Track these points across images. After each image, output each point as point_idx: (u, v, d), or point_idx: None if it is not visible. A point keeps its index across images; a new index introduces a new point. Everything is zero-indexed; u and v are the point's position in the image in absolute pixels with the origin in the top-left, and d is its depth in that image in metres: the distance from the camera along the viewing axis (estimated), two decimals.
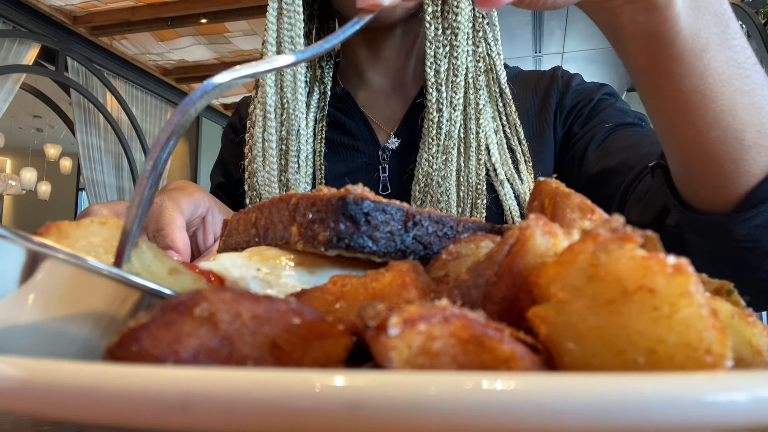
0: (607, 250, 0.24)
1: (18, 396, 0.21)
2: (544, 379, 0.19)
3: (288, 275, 0.40)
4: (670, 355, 0.23)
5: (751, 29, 4.01)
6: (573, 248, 0.25)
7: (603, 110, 0.99)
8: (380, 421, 0.19)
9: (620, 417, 0.18)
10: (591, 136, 0.96)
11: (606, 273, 0.24)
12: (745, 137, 0.58)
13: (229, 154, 1.17)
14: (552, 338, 0.24)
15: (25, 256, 0.30)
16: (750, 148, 0.59)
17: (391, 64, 1.09)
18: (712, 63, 0.56)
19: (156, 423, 0.20)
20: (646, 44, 0.57)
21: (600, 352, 0.23)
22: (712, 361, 0.23)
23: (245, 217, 0.47)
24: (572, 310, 0.24)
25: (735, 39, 0.57)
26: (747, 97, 0.58)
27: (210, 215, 0.80)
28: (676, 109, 0.60)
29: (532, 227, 0.28)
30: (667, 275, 0.23)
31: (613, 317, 0.23)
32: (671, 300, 0.23)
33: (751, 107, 0.58)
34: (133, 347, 0.25)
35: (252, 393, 0.19)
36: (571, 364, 0.24)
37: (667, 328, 0.23)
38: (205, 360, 0.25)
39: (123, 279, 0.31)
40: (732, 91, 0.57)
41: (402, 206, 0.40)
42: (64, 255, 0.30)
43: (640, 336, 0.23)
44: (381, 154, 1.03)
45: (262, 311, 0.26)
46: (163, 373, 0.20)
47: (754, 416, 0.19)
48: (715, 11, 0.56)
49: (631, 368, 0.23)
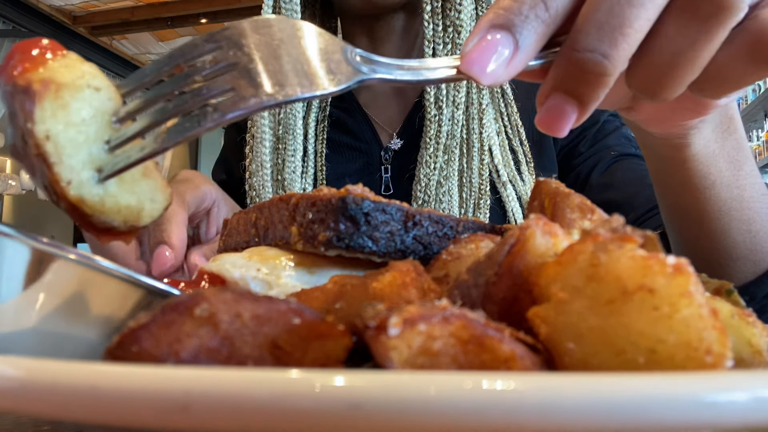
0: (607, 250, 0.24)
1: (18, 396, 0.21)
2: (544, 379, 0.19)
3: (288, 275, 0.40)
4: (671, 355, 0.23)
5: None
6: (573, 248, 0.25)
7: (609, 134, 1.00)
8: (380, 421, 0.19)
9: (620, 417, 0.18)
10: (596, 159, 0.98)
11: (606, 273, 0.24)
12: (734, 252, 0.64)
13: (231, 152, 1.17)
14: (552, 338, 0.24)
15: (30, 256, 0.30)
16: (737, 260, 0.64)
17: None
18: (715, 198, 0.60)
19: (156, 423, 0.20)
20: (656, 161, 0.62)
21: (600, 351, 0.23)
22: (712, 361, 0.23)
23: (245, 217, 0.47)
24: (572, 310, 0.24)
25: (746, 179, 0.61)
26: (744, 224, 0.62)
27: (216, 207, 0.80)
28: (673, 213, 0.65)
29: (533, 227, 0.28)
30: (667, 275, 0.23)
31: (613, 317, 0.23)
32: (671, 300, 0.23)
33: (746, 232, 0.63)
34: (133, 347, 0.25)
35: (252, 393, 0.19)
36: (571, 364, 0.24)
37: (667, 328, 0.23)
38: (205, 360, 0.25)
39: (131, 278, 0.31)
40: (729, 219, 0.62)
41: (402, 206, 0.40)
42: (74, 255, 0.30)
43: (640, 336, 0.23)
44: (383, 155, 1.03)
45: (262, 311, 0.26)
46: (163, 373, 0.20)
47: (754, 416, 0.19)
48: (731, 158, 0.59)
49: (631, 368, 0.23)
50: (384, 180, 1.01)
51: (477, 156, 0.95)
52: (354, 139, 1.05)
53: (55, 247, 0.30)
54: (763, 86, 4.82)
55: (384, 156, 1.03)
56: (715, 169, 0.59)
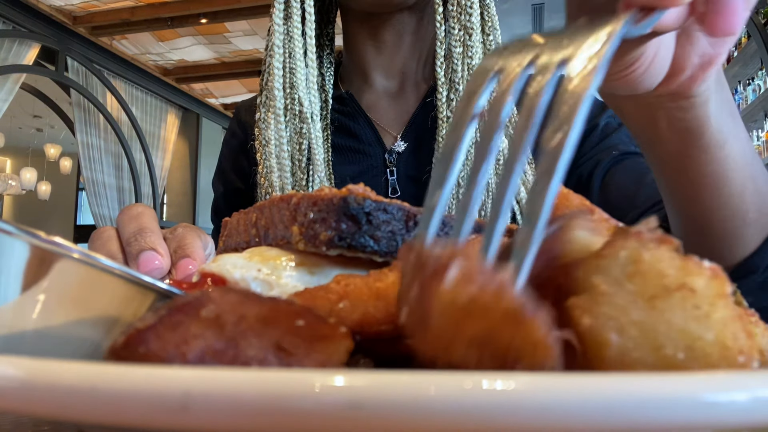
0: (648, 248, 0.25)
1: (18, 396, 0.21)
2: (544, 379, 0.19)
3: (289, 276, 0.40)
4: (707, 353, 0.24)
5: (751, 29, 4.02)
6: (615, 243, 0.26)
7: (610, 134, 1.01)
8: (380, 421, 0.19)
9: (620, 417, 0.19)
10: (597, 159, 0.99)
11: (648, 269, 0.24)
12: (747, 216, 0.66)
13: (228, 162, 1.16)
14: (594, 329, 0.25)
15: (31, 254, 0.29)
16: (750, 225, 0.67)
17: (397, 65, 1.08)
18: (731, 153, 0.62)
19: (156, 423, 0.20)
20: (679, 135, 0.62)
21: (640, 345, 0.24)
22: (744, 361, 0.24)
23: (245, 218, 0.47)
24: (615, 302, 0.24)
25: (743, 132, 0.64)
26: (752, 183, 0.65)
27: None
28: (693, 190, 0.66)
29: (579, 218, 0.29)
30: (705, 277, 0.24)
31: (655, 312, 0.24)
32: (710, 300, 0.24)
33: (755, 191, 0.65)
34: (140, 348, 0.25)
35: (252, 393, 0.19)
36: (610, 358, 0.24)
37: (706, 326, 0.24)
38: (210, 361, 0.25)
39: (136, 279, 0.31)
40: (743, 177, 0.64)
41: (403, 206, 0.40)
42: (77, 254, 0.30)
43: (680, 332, 0.24)
44: (387, 157, 1.03)
45: (267, 313, 0.26)
46: (163, 373, 0.20)
47: (754, 416, 0.19)
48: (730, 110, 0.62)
49: (668, 363, 0.24)
50: (390, 182, 1.02)
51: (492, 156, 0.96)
52: (358, 142, 1.05)
53: (56, 245, 0.30)
54: (762, 86, 4.82)
55: (389, 158, 1.03)
56: (724, 123, 0.60)
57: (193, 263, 0.63)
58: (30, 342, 0.31)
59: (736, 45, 4.67)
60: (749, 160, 0.64)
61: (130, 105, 6.59)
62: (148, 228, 0.64)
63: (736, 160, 0.63)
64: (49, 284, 0.30)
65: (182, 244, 0.65)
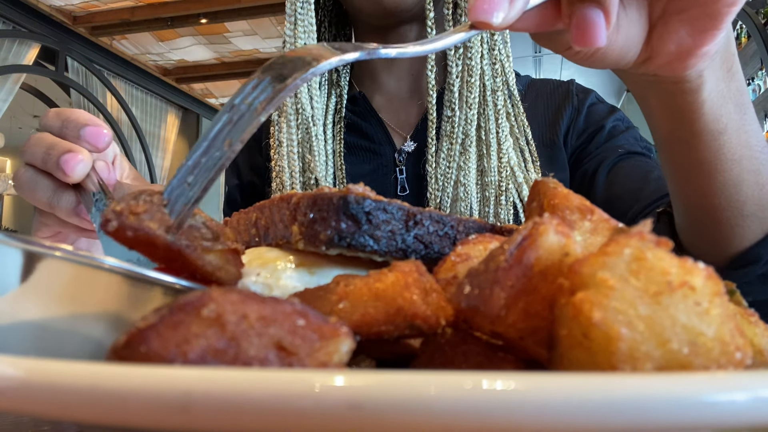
0: (650, 247, 0.26)
1: (18, 396, 0.21)
2: (544, 379, 0.19)
3: (288, 277, 0.40)
4: (709, 349, 0.25)
5: (751, 29, 4.01)
6: (619, 241, 0.26)
7: (617, 136, 1.03)
8: (380, 421, 0.19)
9: (620, 417, 0.19)
10: (602, 158, 1.00)
11: (652, 267, 0.25)
12: (744, 208, 0.65)
13: (242, 156, 1.18)
14: (605, 322, 0.25)
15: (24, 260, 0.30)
16: (747, 217, 0.66)
17: (407, 69, 1.11)
18: (727, 144, 0.61)
19: (156, 423, 0.20)
20: (670, 116, 0.62)
21: (648, 339, 0.25)
22: (740, 358, 0.25)
23: (245, 217, 0.47)
24: (623, 297, 0.25)
25: (751, 125, 0.63)
26: (752, 176, 0.64)
27: (118, 159, 0.78)
28: (686, 172, 0.66)
29: (547, 224, 0.29)
30: (702, 276, 0.25)
31: (659, 308, 0.25)
32: (709, 298, 0.25)
33: (755, 184, 0.64)
34: (141, 348, 0.25)
35: (252, 393, 0.19)
36: (620, 351, 0.25)
37: (706, 322, 0.25)
38: (212, 361, 0.25)
39: (137, 275, 0.31)
40: (740, 169, 0.63)
41: (403, 205, 0.40)
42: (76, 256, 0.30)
43: (683, 328, 0.25)
44: (397, 157, 1.06)
45: (268, 312, 0.26)
46: (163, 373, 0.20)
47: (754, 416, 0.19)
48: (737, 101, 0.61)
49: (673, 358, 0.24)
50: (400, 181, 1.04)
51: (495, 154, 0.98)
52: (369, 142, 1.08)
53: (50, 249, 0.30)
54: (762, 86, 4.82)
55: (398, 158, 1.05)
56: (726, 112, 0.60)
57: (104, 132, 0.66)
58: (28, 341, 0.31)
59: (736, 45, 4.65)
60: (753, 154, 0.63)
61: (130, 105, 6.59)
62: None
63: (734, 151, 0.62)
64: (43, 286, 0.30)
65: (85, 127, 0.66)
